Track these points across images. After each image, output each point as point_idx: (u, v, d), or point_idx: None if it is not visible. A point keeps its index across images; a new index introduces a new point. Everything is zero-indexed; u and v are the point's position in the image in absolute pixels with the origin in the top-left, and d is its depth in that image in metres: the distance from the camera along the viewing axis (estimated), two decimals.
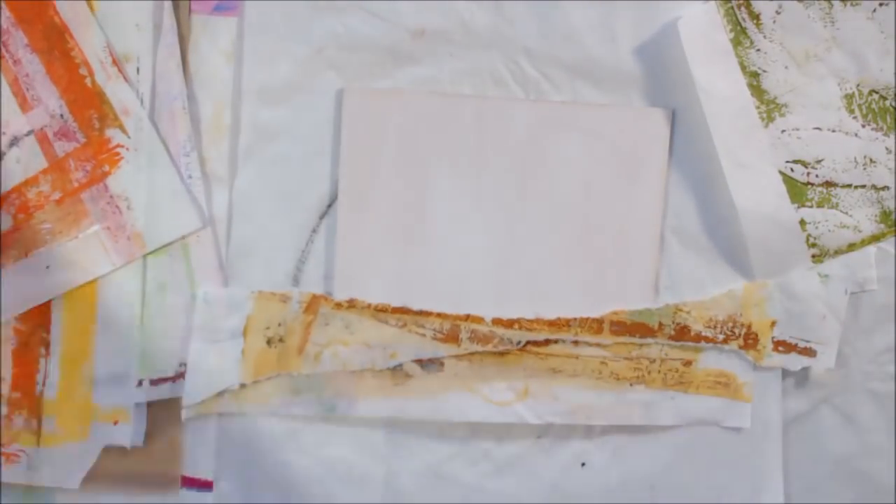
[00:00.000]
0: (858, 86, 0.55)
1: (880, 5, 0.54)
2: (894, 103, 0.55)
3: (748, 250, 0.56)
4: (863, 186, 0.56)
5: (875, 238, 0.56)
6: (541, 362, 0.56)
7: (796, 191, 0.55)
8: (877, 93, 0.55)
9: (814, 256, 0.56)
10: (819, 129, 0.55)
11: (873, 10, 0.54)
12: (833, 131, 0.55)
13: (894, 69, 0.55)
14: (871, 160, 0.55)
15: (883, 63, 0.54)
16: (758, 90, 0.54)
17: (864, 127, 0.55)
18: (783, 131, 0.55)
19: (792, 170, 0.55)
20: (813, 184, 0.55)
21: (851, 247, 0.56)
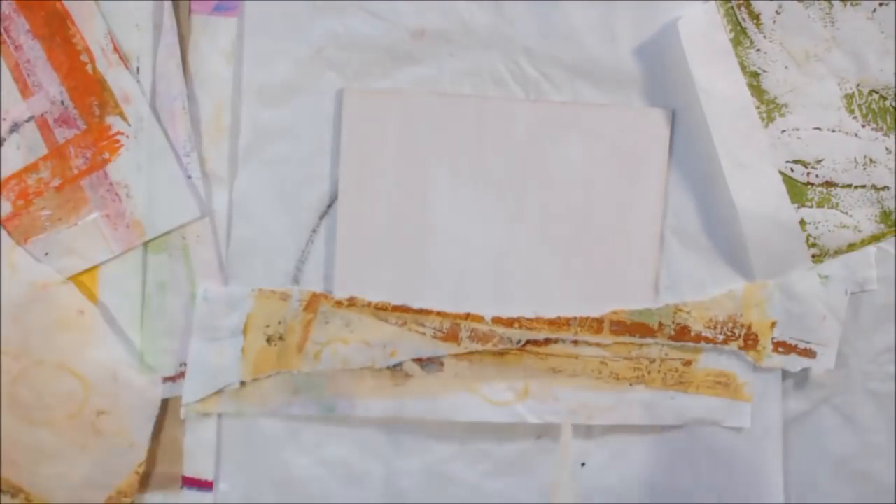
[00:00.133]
0: (858, 86, 0.55)
1: (880, 5, 0.54)
2: (894, 103, 0.55)
3: (748, 250, 0.56)
4: (863, 186, 0.56)
5: (875, 238, 0.56)
6: (541, 362, 0.56)
7: (796, 191, 0.55)
8: (877, 93, 0.55)
9: (814, 256, 0.56)
10: (819, 129, 0.55)
11: (873, 10, 0.54)
12: (833, 131, 0.55)
13: (894, 69, 0.55)
14: (871, 160, 0.55)
15: (883, 63, 0.54)
16: (758, 90, 0.54)
17: (864, 127, 0.55)
18: (783, 131, 0.55)
19: (792, 170, 0.55)
20: (813, 184, 0.55)
21: (851, 247, 0.56)
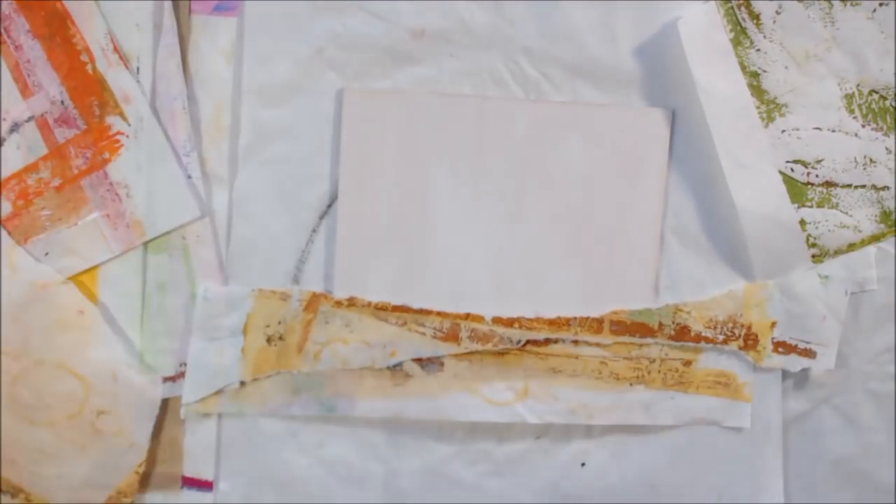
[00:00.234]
0: (858, 86, 0.55)
1: (880, 5, 0.54)
2: (894, 103, 0.55)
3: (748, 250, 0.56)
4: (863, 186, 0.56)
5: (875, 238, 0.56)
6: (541, 362, 0.56)
7: (796, 191, 0.55)
8: (877, 93, 0.55)
9: (814, 256, 0.56)
10: (819, 129, 0.55)
11: (873, 10, 0.54)
12: (833, 131, 0.55)
13: (894, 69, 0.55)
14: (871, 160, 0.55)
15: (883, 63, 0.54)
16: (758, 90, 0.54)
17: (864, 127, 0.55)
18: (783, 131, 0.55)
19: (792, 170, 0.55)
20: (813, 184, 0.55)
21: (851, 247, 0.56)
